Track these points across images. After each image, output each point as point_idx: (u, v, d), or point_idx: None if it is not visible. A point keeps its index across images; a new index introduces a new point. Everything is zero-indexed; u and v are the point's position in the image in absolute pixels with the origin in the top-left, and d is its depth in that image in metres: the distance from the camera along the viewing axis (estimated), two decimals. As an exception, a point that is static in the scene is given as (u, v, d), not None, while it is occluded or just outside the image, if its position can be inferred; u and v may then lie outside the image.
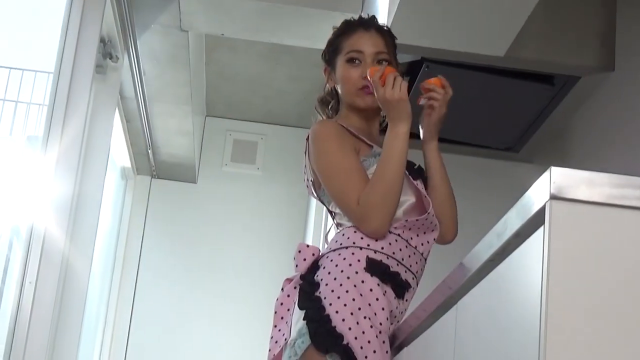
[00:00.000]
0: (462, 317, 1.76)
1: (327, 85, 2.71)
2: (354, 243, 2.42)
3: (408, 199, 2.49)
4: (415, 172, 2.54)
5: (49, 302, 3.80)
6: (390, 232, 2.44)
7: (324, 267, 2.41)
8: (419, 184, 2.51)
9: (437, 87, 2.55)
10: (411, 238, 2.47)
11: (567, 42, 3.29)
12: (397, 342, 2.36)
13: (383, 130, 2.57)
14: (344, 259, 2.39)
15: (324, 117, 2.73)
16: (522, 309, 1.35)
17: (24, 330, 3.75)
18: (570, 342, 1.23)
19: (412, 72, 3.39)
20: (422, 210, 2.49)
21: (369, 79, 2.51)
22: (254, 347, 6.16)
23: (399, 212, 2.47)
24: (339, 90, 2.65)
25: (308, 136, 2.61)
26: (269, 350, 2.48)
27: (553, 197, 1.27)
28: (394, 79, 2.46)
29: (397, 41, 2.71)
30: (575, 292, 1.25)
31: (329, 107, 2.73)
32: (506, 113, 3.64)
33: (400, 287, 2.42)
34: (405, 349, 2.31)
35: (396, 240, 2.44)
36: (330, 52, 2.68)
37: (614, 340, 1.23)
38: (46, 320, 3.79)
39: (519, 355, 1.33)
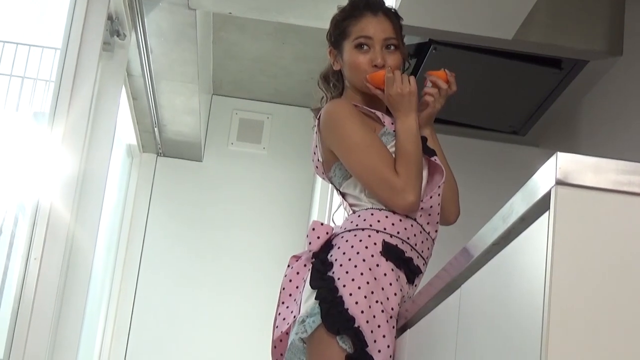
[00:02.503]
0: (466, 300, 1.76)
1: (333, 67, 2.70)
2: (370, 225, 2.41)
3: (422, 180, 2.50)
4: (430, 149, 2.55)
5: (53, 278, 3.82)
6: (407, 217, 2.44)
7: (338, 247, 2.40)
8: (436, 159, 2.52)
9: (440, 80, 2.55)
10: (427, 223, 2.48)
11: (575, 26, 3.28)
12: (400, 324, 2.37)
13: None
14: (360, 240, 2.39)
15: (327, 95, 2.72)
16: (526, 293, 1.35)
17: (28, 306, 3.76)
18: (573, 327, 1.23)
19: (420, 54, 3.38)
20: (429, 191, 2.50)
21: (373, 83, 2.52)
22: (257, 326, 6.18)
23: None
24: (345, 74, 2.64)
25: (319, 116, 2.59)
26: (276, 327, 2.48)
27: (559, 183, 1.27)
28: (402, 74, 2.50)
29: (405, 23, 2.70)
30: (579, 278, 1.25)
31: (332, 84, 2.72)
32: (513, 96, 3.64)
33: (412, 273, 2.42)
34: (409, 330, 2.31)
35: (412, 225, 2.45)
36: (337, 35, 2.65)
37: (617, 326, 1.24)
38: (51, 296, 3.80)
39: (522, 339, 1.34)
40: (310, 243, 2.46)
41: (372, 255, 2.36)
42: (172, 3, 4.73)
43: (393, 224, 2.42)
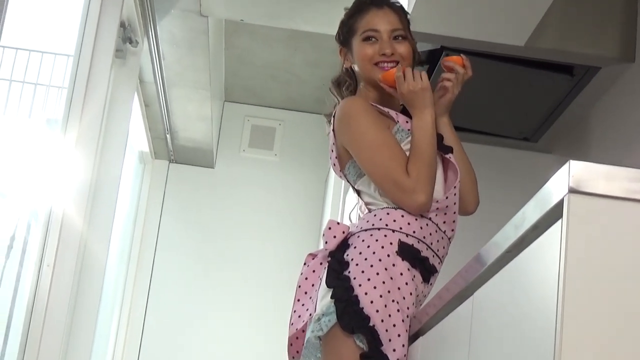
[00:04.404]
0: (479, 308, 1.76)
1: (344, 65, 2.72)
2: (386, 225, 2.42)
3: (437, 179, 2.50)
4: (446, 146, 2.55)
5: (66, 285, 3.82)
6: (422, 216, 2.44)
7: (354, 247, 2.41)
8: (451, 157, 2.52)
9: (457, 65, 2.57)
10: (444, 222, 2.48)
11: (588, 32, 3.28)
12: (412, 331, 2.37)
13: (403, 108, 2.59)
14: (376, 240, 2.39)
15: (339, 99, 2.73)
16: (538, 301, 1.35)
17: (41, 313, 3.77)
18: (586, 336, 1.23)
19: (432, 60, 3.38)
20: (446, 189, 2.51)
21: (386, 83, 2.53)
22: (271, 330, 6.19)
23: None
24: (357, 70, 2.66)
25: (334, 113, 2.60)
26: (291, 324, 2.49)
27: (572, 191, 1.27)
28: (412, 71, 2.50)
29: (417, 29, 2.71)
30: (592, 286, 1.25)
31: (344, 87, 2.73)
32: (525, 103, 3.63)
33: (428, 272, 2.43)
34: (421, 338, 2.31)
35: (427, 225, 2.45)
36: (345, 33, 2.68)
37: (630, 335, 1.24)
38: (63, 303, 3.81)
39: (535, 348, 1.34)
40: (326, 242, 2.47)
41: (388, 255, 2.37)
42: (184, 10, 4.74)
43: (409, 223, 2.42)
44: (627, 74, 3.28)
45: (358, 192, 2.61)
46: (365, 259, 2.36)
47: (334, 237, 2.46)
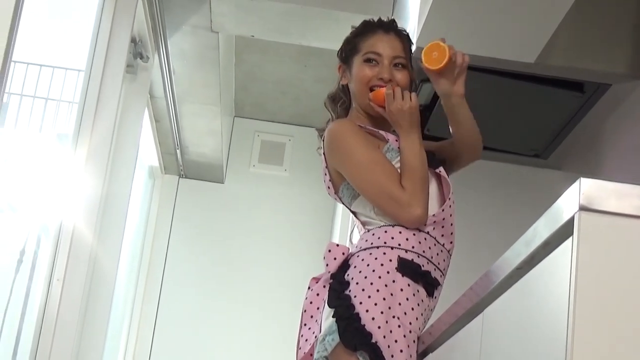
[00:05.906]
0: (489, 324, 1.76)
1: (340, 82, 2.74)
2: (385, 243, 2.43)
3: (432, 194, 2.51)
4: (436, 161, 2.56)
5: (76, 299, 3.82)
6: (420, 231, 2.45)
7: (354, 266, 2.42)
8: (441, 170, 2.53)
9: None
10: (442, 235, 2.49)
11: (598, 49, 3.28)
12: (422, 348, 2.36)
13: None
14: (376, 258, 2.40)
15: (334, 115, 2.75)
16: (549, 318, 1.35)
17: (51, 328, 3.77)
18: (597, 353, 1.23)
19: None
20: (442, 204, 2.52)
21: (375, 102, 2.54)
22: (279, 347, 6.17)
23: None
24: (352, 89, 2.68)
25: (323, 137, 2.62)
26: (299, 348, 2.50)
27: (582, 208, 1.27)
28: (402, 91, 2.52)
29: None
30: (602, 303, 1.25)
31: (339, 104, 2.75)
32: (535, 120, 3.63)
33: (431, 286, 2.43)
34: (431, 354, 2.31)
35: (425, 239, 2.46)
36: (348, 51, 2.71)
37: (641, 353, 1.23)
38: (73, 317, 3.81)
39: (546, 365, 1.33)
40: (327, 265, 2.49)
41: (388, 272, 2.38)
42: (195, 26, 4.75)
43: (407, 239, 2.43)
44: (637, 91, 3.28)
45: (354, 214, 2.63)
46: (365, 277, 2.38)
47: (334, 258, 2.48)
